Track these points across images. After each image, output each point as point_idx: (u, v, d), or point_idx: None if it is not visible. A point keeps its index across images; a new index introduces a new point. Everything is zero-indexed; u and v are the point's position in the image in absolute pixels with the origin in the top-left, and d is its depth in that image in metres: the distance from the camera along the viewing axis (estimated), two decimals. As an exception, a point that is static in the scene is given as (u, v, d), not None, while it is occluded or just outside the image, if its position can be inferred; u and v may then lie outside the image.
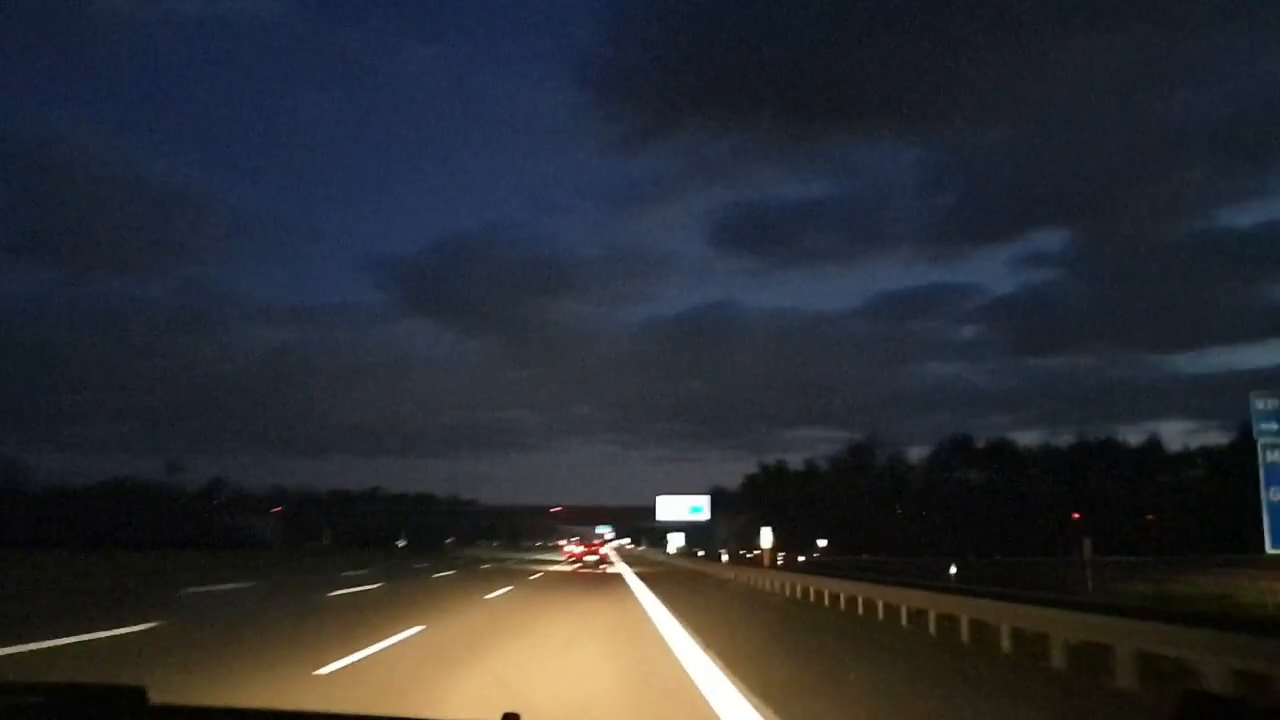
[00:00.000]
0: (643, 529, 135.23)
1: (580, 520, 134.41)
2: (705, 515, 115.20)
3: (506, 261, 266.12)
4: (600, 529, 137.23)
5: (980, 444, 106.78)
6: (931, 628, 15.73)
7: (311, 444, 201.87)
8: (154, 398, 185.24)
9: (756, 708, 8.29)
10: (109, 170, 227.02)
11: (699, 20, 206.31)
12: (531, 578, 38.61)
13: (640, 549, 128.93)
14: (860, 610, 20.24)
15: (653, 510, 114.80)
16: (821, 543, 74.98)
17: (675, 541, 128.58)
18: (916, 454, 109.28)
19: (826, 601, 22.26)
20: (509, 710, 1.84)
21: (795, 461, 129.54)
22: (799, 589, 25.10)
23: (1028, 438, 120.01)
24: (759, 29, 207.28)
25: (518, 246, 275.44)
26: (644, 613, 19.91)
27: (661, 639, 14.63)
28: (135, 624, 15.36)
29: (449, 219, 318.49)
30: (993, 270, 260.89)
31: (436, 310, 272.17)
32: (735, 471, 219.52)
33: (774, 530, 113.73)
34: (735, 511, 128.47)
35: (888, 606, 18.22)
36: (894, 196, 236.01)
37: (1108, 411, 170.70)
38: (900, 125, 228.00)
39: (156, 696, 2.36)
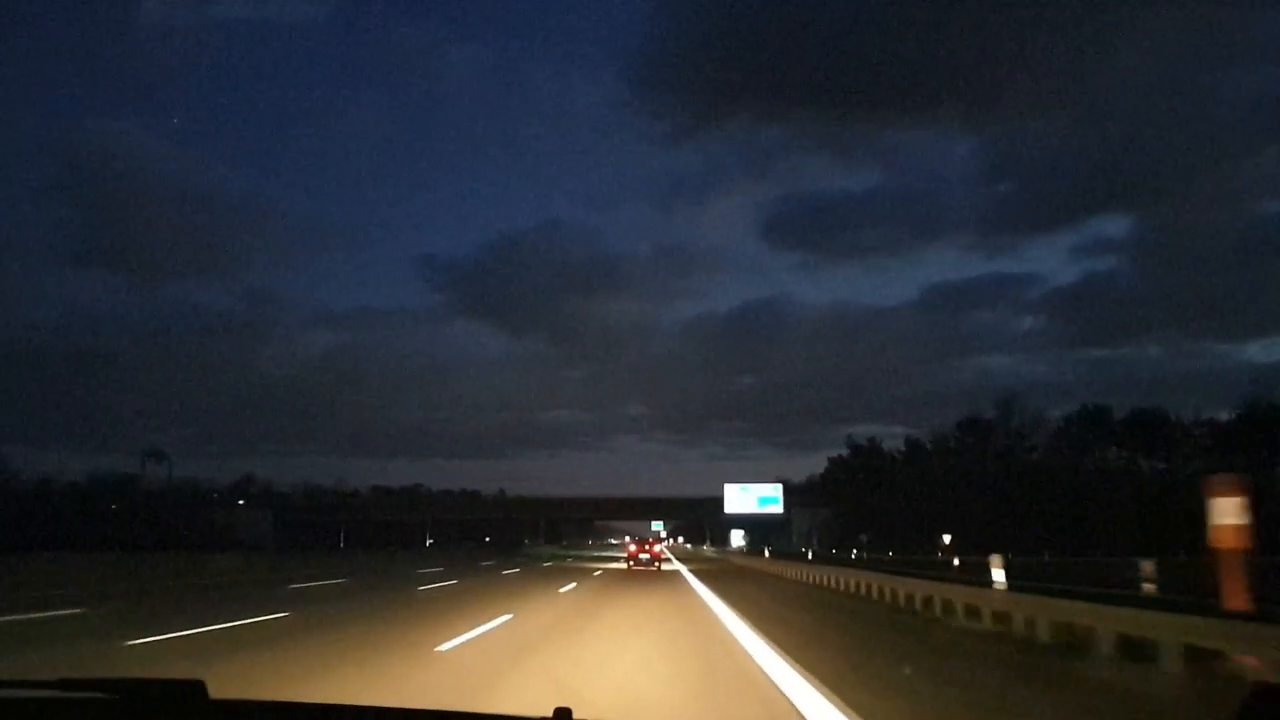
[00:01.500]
0: (708, 523, 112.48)
1: (635, 514, 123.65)
2: (778, 507, 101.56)
3: (558, 261, 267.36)
4: (655, 525, 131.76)
5: (1120, 415, 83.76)
6: None
7: (365, 445, 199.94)
8: (211, 402, 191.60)
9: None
10: (166, 179, 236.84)
11: (746, 10, 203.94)
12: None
13: (704, 548, 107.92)
14: None
15: (718, 502, 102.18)
16: (946, 538, 51.39)
17: (737, 538, 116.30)
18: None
19: None
20: (560, 705, 2.02)
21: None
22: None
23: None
24: (807, 17, 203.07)
25: (569, 245, 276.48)
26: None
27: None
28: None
29: (500, 219, 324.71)
30: (1052, 259, 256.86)
31: (489, 311, 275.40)
32: (790, 469, 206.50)
33: (870, 528, 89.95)
34: (812, 504, 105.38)
35: None
36: (949, 186, 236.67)
37: (1176, 402, 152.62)
38: (955, 113, 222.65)
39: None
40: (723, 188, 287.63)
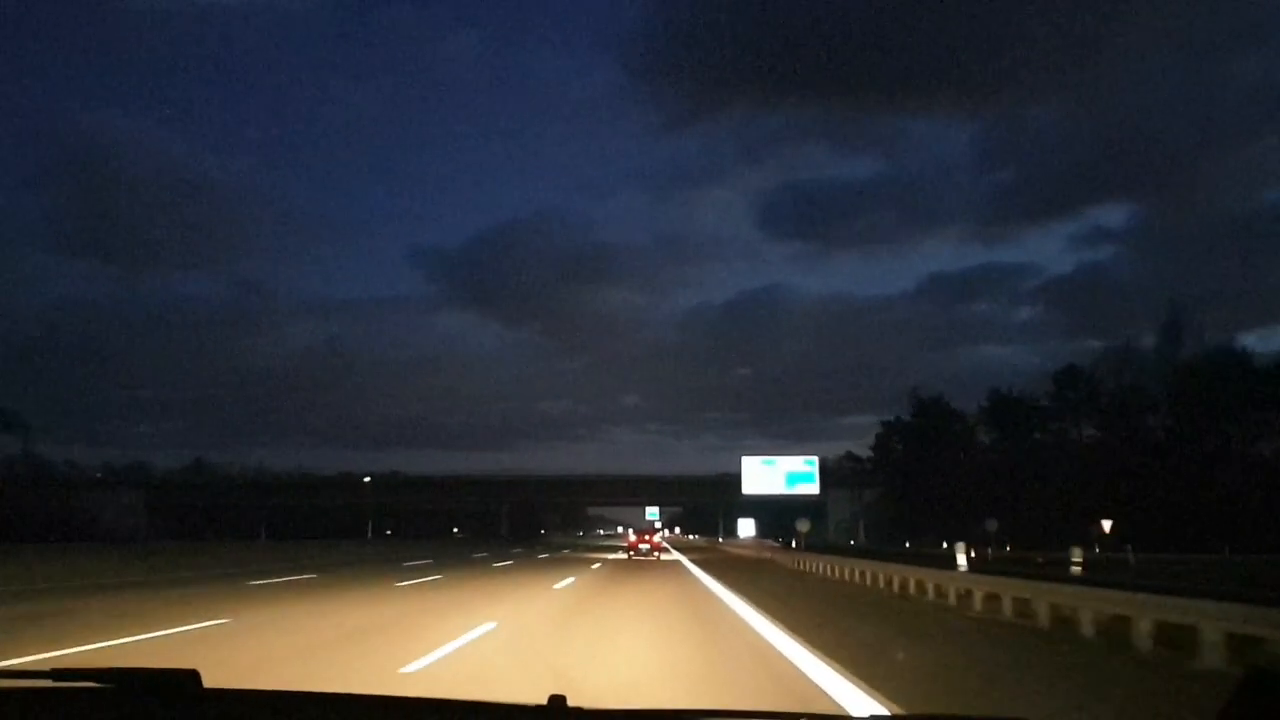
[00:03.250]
0: (720, 508, 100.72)
1: (631, 497, 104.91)
2: (813, 488, 77.37)
3: (553, 250, 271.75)
4: (650, 514, 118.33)
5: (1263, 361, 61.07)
6: None
7: (355, 437, 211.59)
8: (202, 393, 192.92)
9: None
10: (155, 167, 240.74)
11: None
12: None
13: (715, 541, 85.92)
14: None
15: (734, 482, 79.13)
16: (1106, 525, 20.81)
17: (746, 528, 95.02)
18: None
19: None
20: (555, 692, 2.01)
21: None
22: None
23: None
24: (805, 4, 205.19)
25: (564, 235, 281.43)
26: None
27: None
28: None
29: (494, 208, 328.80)
30: (1051, 248, 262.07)
31: (483, 301, 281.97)
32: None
33: (950, 514, 67.12)
34: (851, 484, 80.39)
35: None
36: (947, 174, 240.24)
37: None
38: (954, 99, 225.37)
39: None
40: (720, 176, 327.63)
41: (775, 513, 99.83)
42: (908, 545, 62.73)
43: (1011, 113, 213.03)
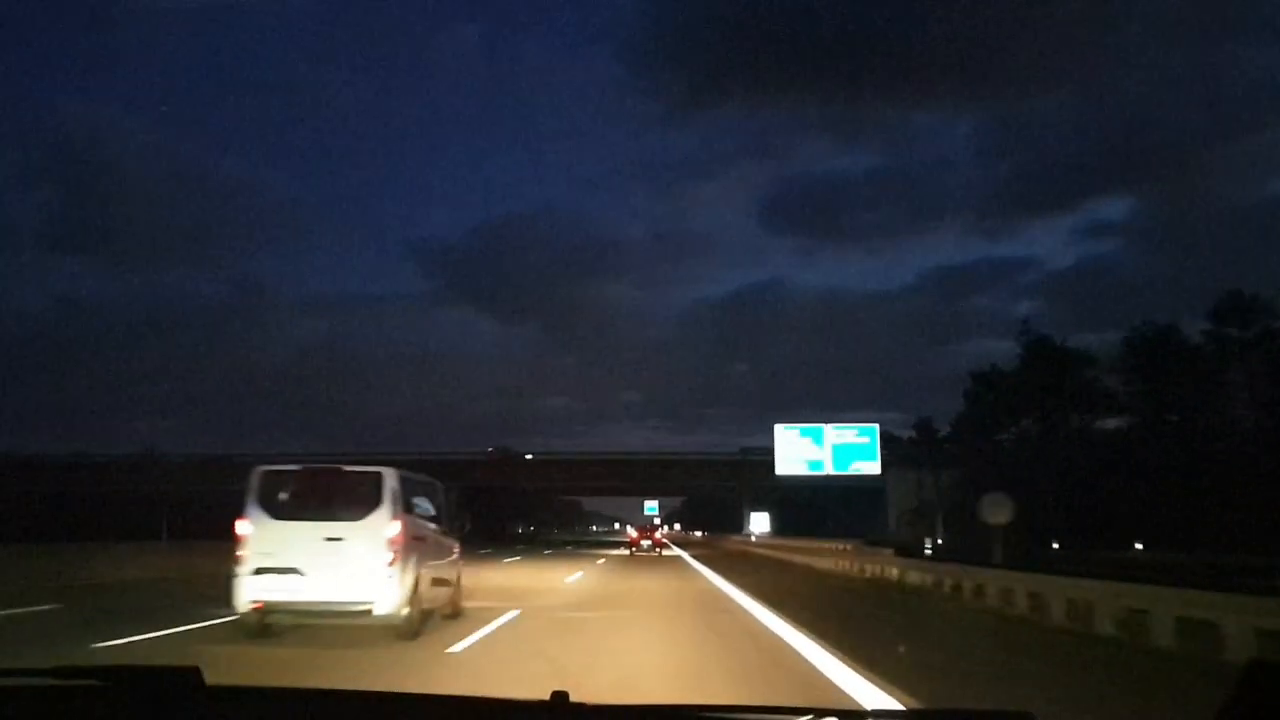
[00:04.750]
0: (746, 496, 75.27)
1: (624, 483, 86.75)
2: (874, 466, 57.08)
3: (550, 245, 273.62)
4: (649, 509, 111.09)
5: None
6: None
7: (351, 434, 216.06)
8: (199, 390, 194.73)
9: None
10: (153, 164, 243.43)
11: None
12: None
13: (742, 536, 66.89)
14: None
15: (763, 459, 58.90)
16: None
17: (760, 523, 73.06)
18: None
19: None
20: (557, 689, 2.10)
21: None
22: None
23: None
24: None
25: (562, 229, 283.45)
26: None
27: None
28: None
29: (493, 203, 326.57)
30: (1051, 242, 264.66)
31: (480, 297, 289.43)
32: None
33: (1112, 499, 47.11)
34: (921, 461, 71.64)
35: None
36: (948, 167, 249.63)
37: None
38: (955, 91, 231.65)
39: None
40: (720, 169, 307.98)
41: (800, 503, 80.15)
42: (1056, 547, 43.09)
43: (1013, 105, 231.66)
